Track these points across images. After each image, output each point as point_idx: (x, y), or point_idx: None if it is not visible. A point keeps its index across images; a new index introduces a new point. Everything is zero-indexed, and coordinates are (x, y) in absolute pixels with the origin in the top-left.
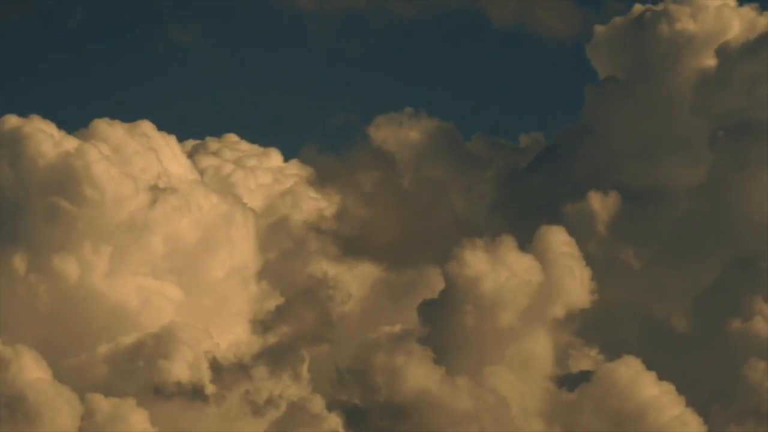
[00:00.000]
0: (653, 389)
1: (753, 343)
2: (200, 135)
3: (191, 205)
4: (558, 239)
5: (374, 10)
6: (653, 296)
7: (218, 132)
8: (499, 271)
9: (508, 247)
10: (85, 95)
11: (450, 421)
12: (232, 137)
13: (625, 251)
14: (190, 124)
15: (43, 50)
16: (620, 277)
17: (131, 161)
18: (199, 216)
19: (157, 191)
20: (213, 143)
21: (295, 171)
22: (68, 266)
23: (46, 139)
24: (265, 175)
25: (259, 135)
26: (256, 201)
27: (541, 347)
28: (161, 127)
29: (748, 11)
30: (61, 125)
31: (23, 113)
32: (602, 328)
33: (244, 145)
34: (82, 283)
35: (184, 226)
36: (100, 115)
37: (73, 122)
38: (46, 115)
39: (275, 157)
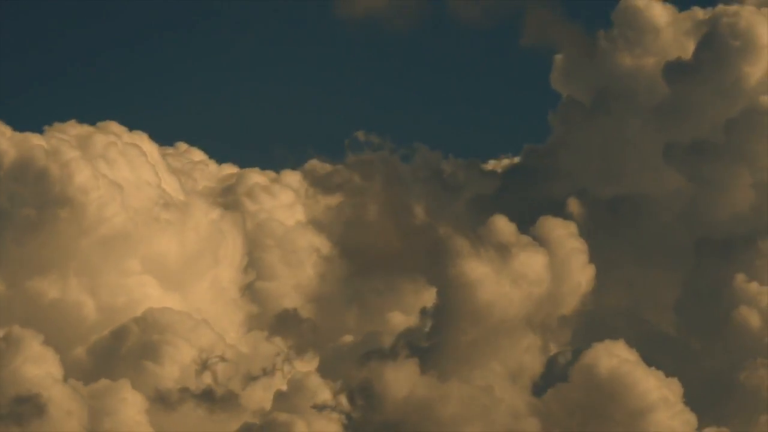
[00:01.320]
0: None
1: (744, 333)
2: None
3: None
4: (559, 233)
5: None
6: (642, 298)
7: (171, 141)
8: (493, 272)
9: (502, 252)
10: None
11: (444, 426)
12: (183, 146)
13: (608, 255)
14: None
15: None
16: (608, 280)
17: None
18: (182, 223)
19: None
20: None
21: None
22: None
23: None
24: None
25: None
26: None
27: (532, 349)
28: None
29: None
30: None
31: None
32: (595, 330)
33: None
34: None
35: (170, 232)
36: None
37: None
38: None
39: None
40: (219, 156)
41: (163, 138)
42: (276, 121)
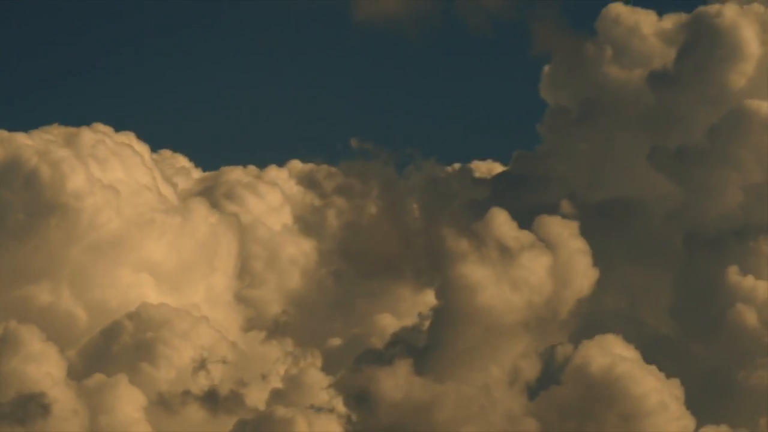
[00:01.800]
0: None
1: (741, 331)
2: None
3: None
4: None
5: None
6: (637, 300)
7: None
8: (491, 273)
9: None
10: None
11: (440, 428)
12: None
13: (600, 259)
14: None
15: None
16: (602, 283)
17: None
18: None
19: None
20: None
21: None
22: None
23: None
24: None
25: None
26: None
27: (529, 351)
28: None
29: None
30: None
31: None
32: (592, 332)
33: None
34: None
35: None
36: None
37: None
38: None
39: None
40: (209, 159)
41: (153, 141)
42: (274, 123)
